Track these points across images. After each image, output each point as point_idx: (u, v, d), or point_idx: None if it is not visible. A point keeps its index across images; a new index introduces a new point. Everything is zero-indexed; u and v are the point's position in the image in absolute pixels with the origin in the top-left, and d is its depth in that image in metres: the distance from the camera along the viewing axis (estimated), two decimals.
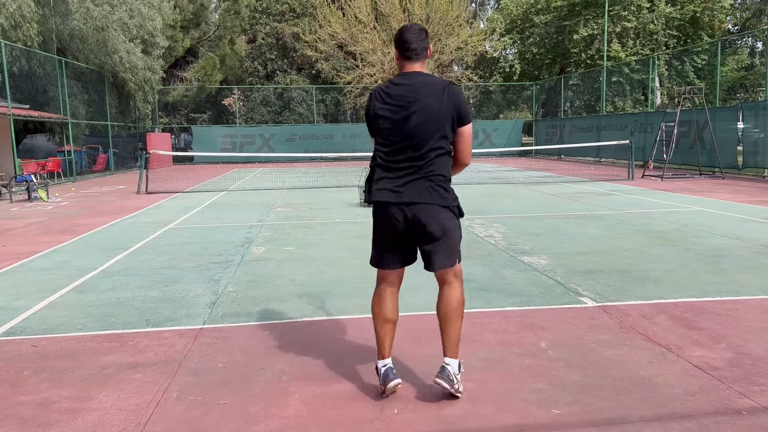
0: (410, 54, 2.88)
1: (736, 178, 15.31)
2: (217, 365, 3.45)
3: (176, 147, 31.78)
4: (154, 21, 23.25)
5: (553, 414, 2.79)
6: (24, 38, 16.78)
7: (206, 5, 31.31)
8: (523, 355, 3.50)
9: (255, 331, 4.03)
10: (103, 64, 21.26)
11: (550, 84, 30.40)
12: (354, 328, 4.05)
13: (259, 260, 6.26)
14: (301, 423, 2.75)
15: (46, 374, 3.37)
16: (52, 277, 5.72)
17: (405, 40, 2.87)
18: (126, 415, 2.85)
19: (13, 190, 13.06)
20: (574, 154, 25.21)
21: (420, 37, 2.88)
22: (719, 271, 5.38)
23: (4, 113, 14.73)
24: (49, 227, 8.93)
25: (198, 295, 4.93)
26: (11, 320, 4.37)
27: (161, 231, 8.32)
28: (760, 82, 25.36)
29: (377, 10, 29.97)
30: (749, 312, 4.21)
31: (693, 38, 27.30)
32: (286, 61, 34.56)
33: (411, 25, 2.94)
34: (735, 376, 3.15)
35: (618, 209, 9.64)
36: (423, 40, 2.88)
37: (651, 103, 23.39)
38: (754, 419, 2.70)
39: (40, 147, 23.14)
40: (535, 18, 30.16)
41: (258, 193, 13.50)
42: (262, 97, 32.58)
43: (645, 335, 3.79)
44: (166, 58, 27.16)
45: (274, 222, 9.03)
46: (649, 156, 17.37)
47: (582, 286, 4.98)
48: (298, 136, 28.86)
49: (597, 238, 7.15)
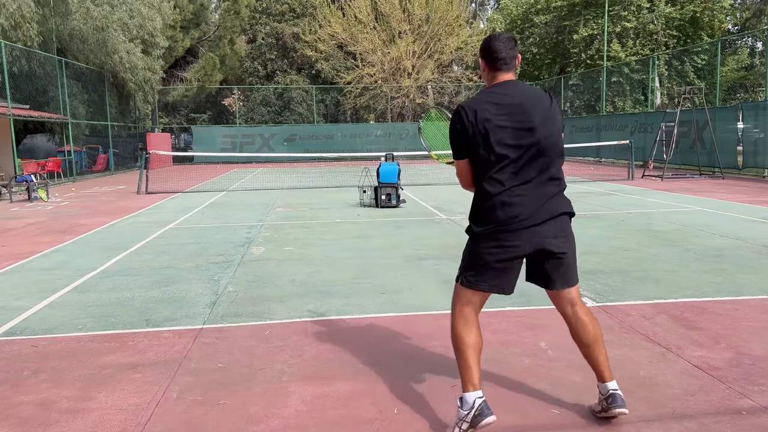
0: (500, 64, 2.63)
1: (736, 178, 15.31)
2: (217, 365, 3.45)
3: (176, 147, 31.77)
4: (154, 21, 23.26)
5: (553, 414, 2.79)
6: (24, 38, 16.78)
7: (206, 5, 31.32)
8: (523, 355, 3.49)
9: (255, 331, 4.03)
10: (103, 64, 21.27)
11: (550, 84, 30.40)
12: (354, 328, 4.04)
13: (259, 260, 6.26)
14: (301, 423, 2.75)
15: (46, 374, 3.37)
16: (52, 277, 5.71)
17: (494, 49, 2.63)
18: (126, 415, 2.85)
19: (13, 190, 13.06)
20: (574, 154, 25.21)
21: (509, 45, 2.64)
22: (719, 271, 5.38)
23: (4, 113, 14.73)
24: (49, 227, 8.93)
25: (198, 295, 4.93)
26: (11, 320, 4.37)
27: (161, 231, 8.32)
28: (760, 82, 25.36)
29: (377, 10, 29.98)
30: (749, 312, 4.21)
31: (693, 38, 27.29)
32: (286, 61, 34.58)
33: (500, 33, 2.72)
34: (735, 376, 3.15)
35: (618, 209, 9.64)
36: (513, 48, 2.65)
37: (651, 103, 23.39)
38: (754, 419, 2.70)
39: (40, 147, 23.15)
40: (535, 18, 30.17)
41: (258, 193, 13.50)
42: (262, 97, 32.60)
43: (645, 335, 3.79)
44: (166, 58, 27.18)
45: (274, 222, 9.03)
46: (649, 156, 17.38)
47: (582, 286, 4.97)
48: (298, 136, 28.87)
49: (597, 238, 7.15)
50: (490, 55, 2.64)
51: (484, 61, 2.68)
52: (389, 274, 5.54)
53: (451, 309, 2.72)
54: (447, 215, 9.34)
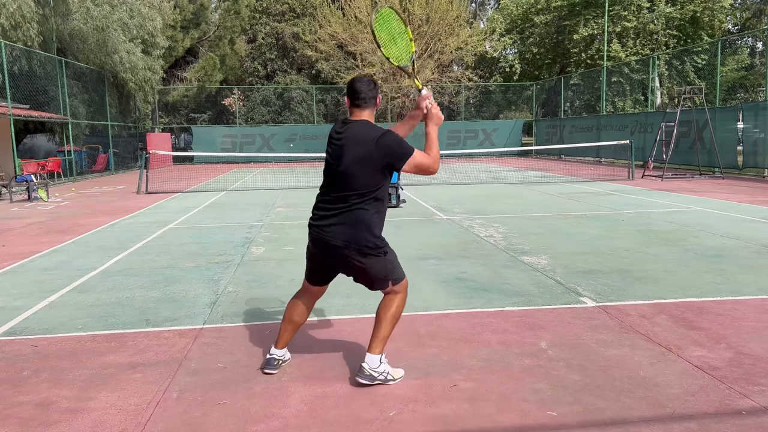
0: (359, 102, 3.11)
1: (736, 178, 15.30)
2: (217, 365, 3.45)
3: (176, 147, 31.74)
4: (154, 21, 23.26)
5: (553, 414, 2.79)
6: (24, 38, 16.78)
7: (206, 5, 31.32)
8: (523, 355, 3.49)
9: (255, 331, 4.03)
10: (103, 64, 21.27)
11: (550, 84, 30.40)
12: (354, 327, 4.04)
13: (259, 260, 6.26)
14: (301, 423, 2.75)
15: (46, 374, 3.37)
16: (52, 277, 5.71)
17: (355, 89, 3.10)
18: (126, 415, 2.85)
19: (13, 190, 13.06)
20: (574, 154, 25.21)
21: (369, 87, 3.11)
22: (719, 271, 5.38)
23: (4, 113, 14.73)
24: (49, 227, 8.93)
25: (198, 295, 4.93)
26: (11, 320, 4.37)
27: (161, 231, 8.32)
28: (760, 82, 25.36)
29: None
30: (749, 312, 4.21)
31: (693, 38, 27.30)
32: (286, 61, 34.56)
33: (361, 77, 3.18)
34: (735, 376, 3.15)
35: (618, 209, 9.64)
36: (372, 89, 3.12)
37: (651, 103, 23.39)
38: (754, 419, 2.70)
39: (40, 147, 23.17)
40: (535, 18, 30.17)
41: (258, 193, 13.50)
42: (262, 97, 32.57)
43: (645, 335, 3.79)
44: (166, 58, 27.17)
45: (274, 222, 9.02)
46: (649, 156, 17.38)
47: (582, 286, 4.98)
48: (298, 136, 28.87)
49: (597, 238, 7.15)
50: (352, 94, 3.15)
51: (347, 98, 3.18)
52: None
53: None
54: (447, 215, 9.33)
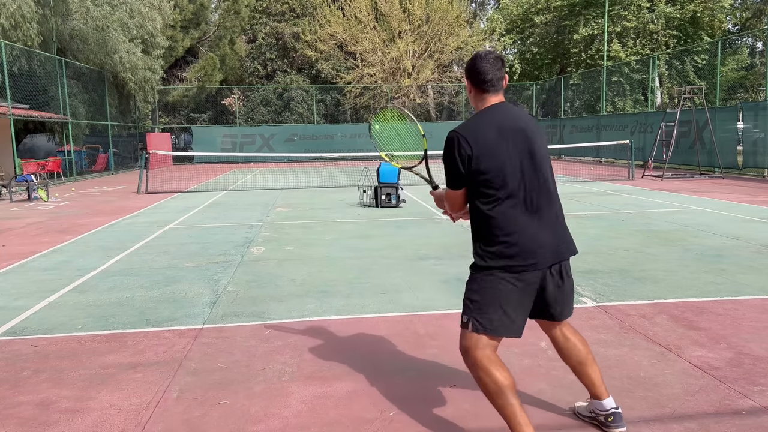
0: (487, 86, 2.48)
1: (736, 178, 15.30)
2: (217, 365, 3.45)
3: (176, 147, 31.73)
4: (154, 21, 23.27)
5: (553, 414, 2.79)
6: (24, 38, 16.78)
7: (206, 5, 31.33)
8: (523, 355, 3.49)
9: (255, 331, 4.03)
10: (103, 64, 21.27)
11: (550, 84, 30.40)
12: (354, 327, 4.04)
13: (259, 260, 6.26)
14: (301, 423, 2.75)
15: (46, 374, 3.37)
16: (52, 277, 5.71)
17: (480, 69, 2.45)
18: (126, 415, 2.85)
19: (13, 190, 13.06)
20: (574, 154, 25.20)
21: (496, 66, 2.48)
22: (719, 271, 5.38)
23: (4, 113, 14.73)
24: (49, 227, 8.93)
25: (198, 295, 4.93)
26: (11, 320, 4.37)
27: (161, 231, 8.32)
28: (760, 82, 25.36)
29: (377, 10, 30.00)
30: (749, 312, 4.21)
31: (693, 38, 27.29)
32: (286, 61, 34.55)
33: (486, 52, 2.52)
34: (735, 376, 3.15)
35: (618, 209, 9.64)
36: (500, 69, 2.49)
37: (651, 103, 23.39)
38: (754, 419, 2.70)
39: (40, 147, 23.17)
40: (535, 18, 30.17)
41: (258, 193, 13.50)
42: (262, 97, 32.56)
43: (645, 335, 3.79)
44: (166, 58, 27.17)
45: (274, 222, 9.02)
46: (649, 156, 17.38)
47: (582, 286, 4.98)
48: (298, 136, 28.87)
49: (597, 238, 7.15)
50: (477, 76, 2.47)
51: (470, 82, 2.51)
52: (389, 274, 5.54)
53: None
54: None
